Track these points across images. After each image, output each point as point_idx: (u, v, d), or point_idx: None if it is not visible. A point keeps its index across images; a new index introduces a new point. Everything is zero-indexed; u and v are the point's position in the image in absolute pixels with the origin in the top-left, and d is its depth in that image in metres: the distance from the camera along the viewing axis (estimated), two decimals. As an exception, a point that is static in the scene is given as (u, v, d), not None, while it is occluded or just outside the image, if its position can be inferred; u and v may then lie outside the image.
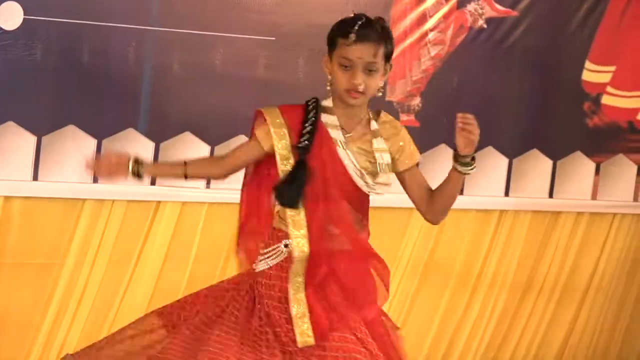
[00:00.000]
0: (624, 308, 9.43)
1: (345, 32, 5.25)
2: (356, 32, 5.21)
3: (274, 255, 5.33)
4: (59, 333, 7.69)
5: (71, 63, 7.42)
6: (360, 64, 5.24)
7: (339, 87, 5.31)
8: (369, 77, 5.27)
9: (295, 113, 5.39)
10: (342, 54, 5.26)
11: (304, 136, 5.28)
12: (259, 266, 5.39)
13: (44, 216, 7.55)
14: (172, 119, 7.77)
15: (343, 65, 5.26)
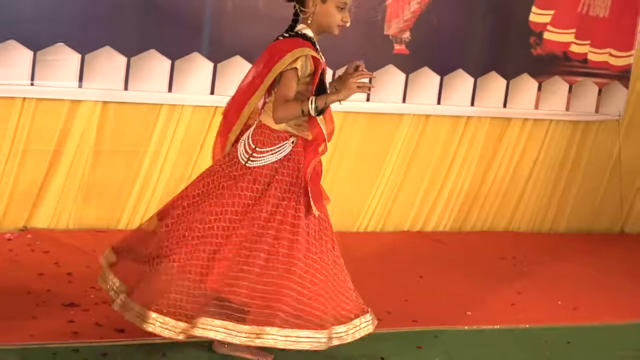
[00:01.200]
0: (556, 190, 9.45)
1: None
2: None
3: (280, 151, 5.25)
4: (142, 203, 7.76)
5: (151, 3, 7.40)
6: (349, 5, 5.26)
7: (333, 22, 5.25)
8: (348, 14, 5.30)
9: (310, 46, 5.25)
10: None
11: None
12: (261, 162, 5.26)
13: (131, 116, 7.55)
14: (226, 46, 7.72)
15: (339, 7, 5.21)
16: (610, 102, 9.41)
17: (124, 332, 5.67)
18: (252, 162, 5.26)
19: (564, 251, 8.86)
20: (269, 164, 5.24)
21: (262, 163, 5.25)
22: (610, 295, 7.70)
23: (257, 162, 5.25)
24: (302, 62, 5.19)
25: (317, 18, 5.30)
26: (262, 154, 5.26)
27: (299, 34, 5.33)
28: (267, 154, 5.25)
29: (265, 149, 5.25)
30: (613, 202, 9.76)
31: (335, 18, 5.25)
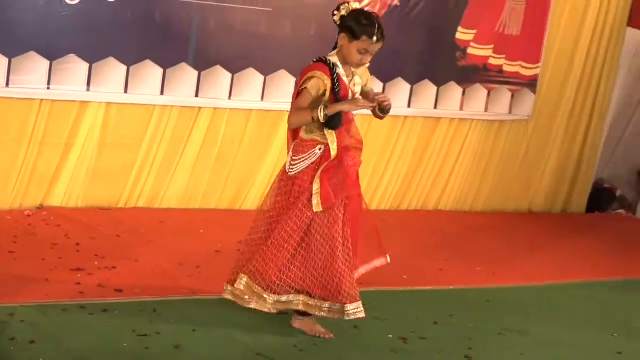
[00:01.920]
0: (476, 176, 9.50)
1: (370, 34, 5.10)
2: (377, 36, 5.12)
3: (310, 157, 5.22)
4: (138, 186, 7.71)
5: (148, 22, 7.35)
6: (372, 53, 5.18)
7: (352, 59, 5.17)
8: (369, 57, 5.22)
9: (327, 70, 5.18)
10: (363, 46, 5.12)
11: (335, 84, 5.16)
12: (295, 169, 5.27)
13: (130, 115, 7.53)
14: (208, 57, 7.68)
15: (361, 51, 5.14)
16: (520, 105, 9.43)
17: (122, 292, 5.71)
18: (291, 170, 5.27)
19: (482, 226, 8.91)
20: (303, 170, 5.22)
21: (298, 170, 5.24)
22: (520, 262, 7.77)
23: (294, 171, 5.26)
24: (313, 82, 5.15)
25: (343, 51, 5.23)
26: (296, 162, 5.26)
27: (322, 59, 5.27)
28: (299, 162, 5.24)
29: (298, 157, 5.24)
30: (522, 187, 9.78)
31: (355, 58, 5.19)
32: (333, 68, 5.20)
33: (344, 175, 5.25)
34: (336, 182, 5.21)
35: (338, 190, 5.22)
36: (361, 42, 5.14)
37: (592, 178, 10.33)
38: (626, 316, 6.67)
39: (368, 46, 5.14)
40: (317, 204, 5.17)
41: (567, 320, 6.40)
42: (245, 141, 8.05)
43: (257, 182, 8.21)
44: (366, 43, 5.14)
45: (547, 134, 9.76)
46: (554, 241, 8.66)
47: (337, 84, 5.17)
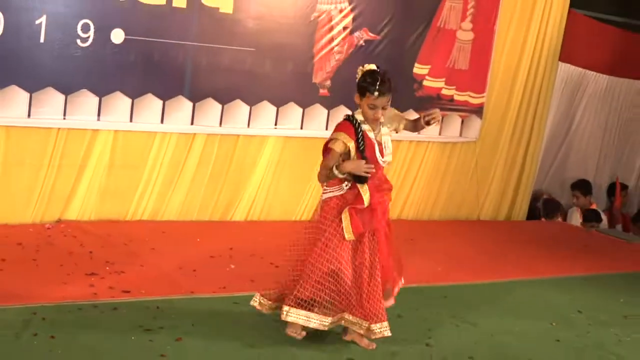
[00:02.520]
0: (432, 189, 9.51)
1: (372, 90, 4.98)
2: (378, 90, 4.99)
3: (339, 190, 5.08)
4: (143, 202, 7.70)
5: (149, 61, 7.35)
6: (380, 106, 5.03)
7: (367, 116, 5.05)
8: (384, 112, 5.08)
9: (351, 130, 5.04)
10: (369, 102, 5.01)
11: (360, 142, 5.03)
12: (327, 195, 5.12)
13: (134, 141, 7.51)
14: (202, 91, 7.68)
15: (370, 106, 5.03)
16: (469, 129, 9.45)
17: (129, 293, 5.66)
18: (324, 196, 5.15)
19: (439, 232, 8.90)
20: (329, 197, 5.11)
21: (329, 196, 5.12)
22: (471, 263, 7.74)
23: (325, 196, 5.14)
24: (338, 144, 5.02)
25: (361, 109, 5.12)
26: (327, 191, 5.13)
27: (349, 117, 5.12)
28: (329, 192, 5.12)
29: (329, 187, 5.12)
30: (472, 198, 9.79)
31: (368, 114, 5.06)
32: (358, 127, 5.05)
33: (370, 211, 5.11)
34: (363, 216, 5.09)
35: (366, 222, 5.10)
36: (367, 99, 5.03)
37: (531, 190, 10.33)
38: (562, 308, 6.65)
39: (374, 101, 5.01)
40: (349, 233, 5.05)
41: (512, 313, 6.38)
42: (234, 162, 8.04)
43: (245, 197, 8.18)
44: (371, 98, 5.01)
45: (492, 153, 9.77)
46: (500, 245, 8.66)
47: (361, 142, 5.02)
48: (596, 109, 10.91)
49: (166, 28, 7.41)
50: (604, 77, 10.82)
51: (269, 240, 7.54)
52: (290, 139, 8.26)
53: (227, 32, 7.70)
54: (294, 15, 8.00)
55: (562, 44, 9.97)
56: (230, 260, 6.75)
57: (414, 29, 8.78)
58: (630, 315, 6.67)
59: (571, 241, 9.21)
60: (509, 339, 5.77)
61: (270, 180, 8.26)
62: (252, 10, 7.80)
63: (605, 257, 8.67)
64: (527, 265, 7.92)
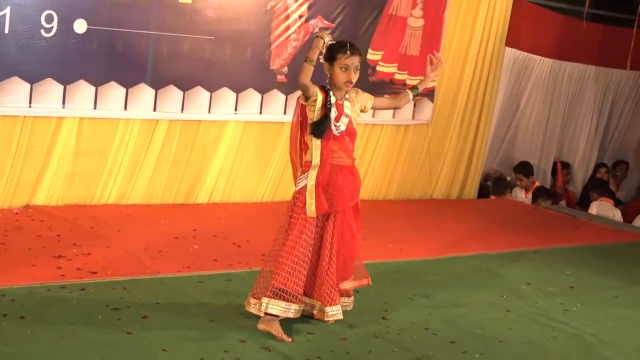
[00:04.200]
0: (387, 170, 9.54)
1: (344, 50, 4.89)
2: (350, 49, 4.89)
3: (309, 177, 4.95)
4: (108, 187, 7.64)
5: (112, 50, 7.31)
6: (352, 67, 4.93)
7: (339, 80, 4.92)
8: (355, 74, 4.96)
9: (322, 90, 4.92)
10: (342, 62, 4.88)
11: (328, 102, 4.90)
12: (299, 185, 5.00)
13: (99, 128, 7.45)
14: (163, 78, 7.64)
15: (342, 68, 4.91)
16: (422, 112, 9.50)
17: (96, 274, 5.65)
18: (296, 187, 5.05)
19: (394, 211, 8.94)
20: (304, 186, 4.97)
21: (300, 186, 5.00)
22: (424, 239, 7.80)
23: (298, 186, 5.02)
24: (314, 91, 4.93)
25: (332, 79, 4.99)
26: (300, 180, 5.03)
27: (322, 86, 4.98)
28: (302, 180, 5.01)
29: (302, 175, 5.02)
30: (425, 178, 9.83)
31: (340, 77, 4.93)
32: (328, 91, 4.96)
33: (336, 189, 5.01)
34: (329, 194, 4.99)
35: (330, 201, 5.00)
36: (339, 60, 4.90)
37: (481, 170, 10.41)
38: (512, 281, 6.72)
39: (346, 60, 4.90)
40: (311, 211, 4.94)
41: (463, 286, 6.43)
42: (196, 147, 8.01)
43: (207, 180, 8.16)
44: (343, 58, 4.90)
45: (444, 134, 9.82)
46: (452, 222, 8.71)
47: (328, 103, 4.91)
48: (541, 91, 11.01)
49: (128, 18, 7.36)
50: (549, 60, 10.91)
51: (231, 221, 7.57)
52: (249, 123, 8.24)
53: (187, 21, 7.66)
54: (251, 4, 7.97)
55: (508, 30, 10.03)
56: (194, 241, 6.74)
57: (366, 16, 8.77)
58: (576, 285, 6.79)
59: (520, 217, 9.30)
60: (462, 310, 5.83)
61: (231, 163, 8.24)
62: (211, 0, 7.76)
63: (553, 232, 8.77)
64: (478, 240, 7.99)
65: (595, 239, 8.69)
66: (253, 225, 7.46)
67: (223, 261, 6.29)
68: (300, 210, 4.99)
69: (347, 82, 4.97)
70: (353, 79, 4.98)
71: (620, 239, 8.84)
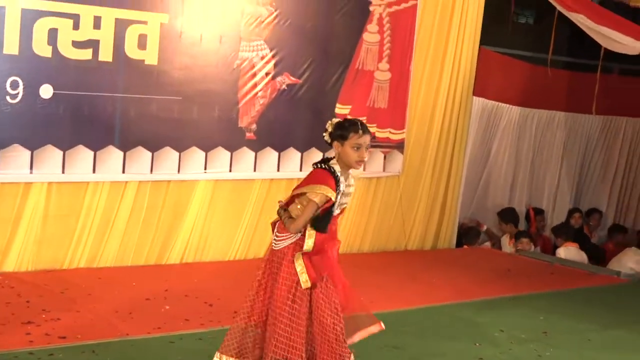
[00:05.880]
0: (362, 222, 9.55)
1: (356, 129, 4.78)
2: (362, 129, 4.79)
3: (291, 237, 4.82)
4: (78, 251, 7.62)
5: (78, 113, 7.34)
6: (364, 146, 4.83)
7: (350, 159, 4.79)
8: (367, 153, 4.90)
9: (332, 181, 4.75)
10: (354, 142, 4.76)
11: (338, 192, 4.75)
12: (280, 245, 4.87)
13: (67, 192, 7.47)
14: (131, 140, 7.67)
15: (355, 147, 4.79)
16: (392, 163, 9.54)
17: (65, 338, 5.62)
18: (276, 246, 4.92)
19: (368, 264, 8.92)
20: (287, 246, 4.88)
21: (282, 245, 4.89)
22: (397, 290, 7.81)
23: (279, 246, 4.90)
24: (321, 198, 4.77)
25: (341, 157, 4.83)
26: (280, 239, 4.90)
27: (330, 169, 4.82)
28: (283, 239, 4.89)
29: (282, 234, 4.89)
30: (399, 229, 9.85)
31: (352, 156, 4.80)
32: (338, 180, 4.80)
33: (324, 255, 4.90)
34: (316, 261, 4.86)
35: (319, 267, 4.87)
36: (351, 140, 4.77)
37: (455, 219, 10.44)
38: (485, 329, 6.73)
39: (358, 139, 4.78)
40: (305, 281, 4.82)
41: (436, 335, 6.44)
42: (166, 207, 8.02)
43: (179, 240, 8.16)
44: (355, 137, 4.77)
45: (415, 185, 9.87)
46: (426, 272, 8.72)
47: (338, 192, 4.79)
48: (511, 139, 11.11)
49: (94, 82, 7.40)
50: (516, 108, 11.04)
51: (203, 280, 7.56)
52: (219, 182, 8.27)
53: (154, 82, 7.72)
54: (217, 64, 8.04)
55: (475, 79, 10.15)
56: (165, 302, 6.71)
57: (333, 71, 8.86)
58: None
59: (494, 265, 9.32)
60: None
61: (202, 222, 8.24)
62: (177, 61, 7.83)
63: (528, 279, 8.79)
64: (452, 289, 7.99)
65: (569, 283, 8.72)
66: (225, 283, 7.45)
67: (194, 321, 6.26)
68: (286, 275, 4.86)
69: (359, 161, 4.87)
70: (365, 158, 4.91)
71: (594, 282, 8.87)
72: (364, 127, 4.87)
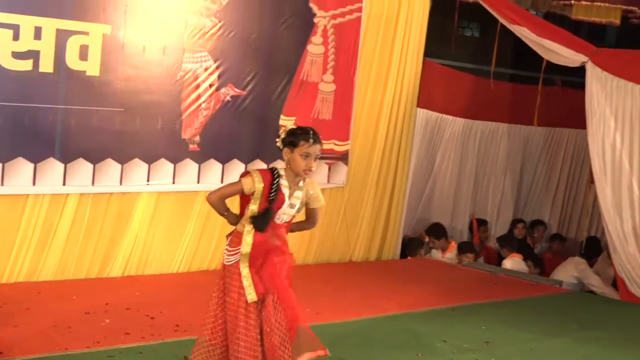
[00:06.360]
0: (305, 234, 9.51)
1: (306, 137, 4.89)
2: (312, 138, 4.90)
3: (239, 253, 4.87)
4: (17, 265, 7.51)
5: (18, 125, 7.24)
6: (313, 155, 4.91)
7: (299, 167, 4.87)
8: (315, 163, 4.93)
9: (268, 176, 4.89)
10: (304, 150, 4.86)
11: (272, 192, 4.85)
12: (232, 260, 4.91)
13: (7, 204, 7.36)
14: (72, 152, 7.58)
15: (303, 155, 4.88)
16: (336, 175, 9.55)
17: (1, 354, 5.52)
18: (228, 261, 4.92)
19: (313, 276, 8.90)
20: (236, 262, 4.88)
21: (233, 261, 4.89)
22: (342, 302, 7.81)
23: (231, 261, 4.90)
24: (247, 180, 4.86)
25: (290, 164, 4.93)
26: (231, 253, 4.91)
27: (272, 168, 4.97)
28: (233, 253, 4.90)
29: (232, 249, 4.91)
30: (344, 241, 9.85)
31: (300, 164, 4.88)
32: (276, 177, 4.90)
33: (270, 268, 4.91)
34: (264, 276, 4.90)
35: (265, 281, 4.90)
36: (301, 148, 4.87)
37: (400, 230, 10.46)
38: (428, 339, 6.75)
39: (308, 148, 4.87)
40: (251, 295, 4.85)
41: (379, 347, 6.44)
42: (108, 219, 7.93)
43: (121, 253, 8.07)
44: (305, 146, 4.87)
45: (360, 197, 9.88)
46: (370, 283, 8.73)
47: (273, 193, 4.86)
48: (455, 150, 11.19)
49: (34, 93, 7.31)
50: (460, 120, 11.12)
51: (145, 293, 7.49)
52: (163, 194, 8.20)
53: (95, 94, 7.64)
54: (160, 75, 7.99)
55: (419, 91, 10.20)
56: (106, 315, 6.64)
57: (277, 83, 8.85)
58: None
59: (438, 276, 9.36)
60: (376, 371, 5.82)
61: (145, 235, 8.17)
62: (120, 72, 7.76)
63: (471, 289, 8.84)
64: (396, 300, 8.00)
65: (512, 293, 8.78)
66: (168, 296, 7.39)
67: (135, 334, 6.19)
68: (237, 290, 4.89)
69: (307, 169, 4.92)
70: (313, 167, 4.94)
71: (536, 292, 8.95)
72: (315, 137, 4.93)
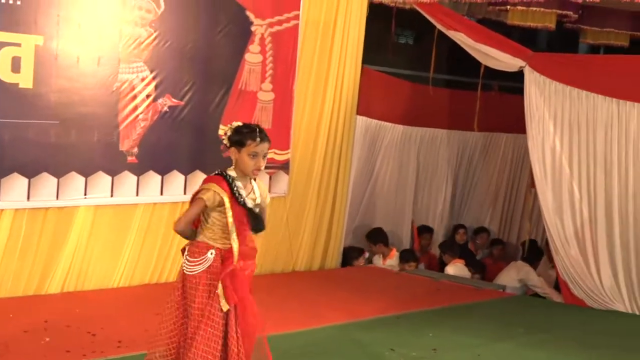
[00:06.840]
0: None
1: (253, 136, 4.78)
2: (259, 135, 4.79)
3: (204, 262, 4.77)
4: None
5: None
6: (261, 154, 4.83)
7: (247, 167, 4.79)
8: (264, 162, 4.86)
9: (224, 184, 4.77)
10: (251, 149, 4.76)
11: (238, 197, 4.77)
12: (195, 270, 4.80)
13: None
14: (6, 166, 7.37)
15: (251, 155, 4.79)
16: (278, 184, 9.48)
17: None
18: (190, 271, 4.80)
19: (255, 286, 8.60)
20: (199, 274, 4.77)
21: (196, 272, 4.77)
22: (284, 312, 7.70)
23: (193, 272, 4.78)
24: (210, 195, 4.75)
25: (238, 164, 4.83)
26: (192, 264, 4.79)
27: (222, 172, 4.85)
28: (195, 264, 4.78)
29: (193, 259, 4.79)
30: (286, 251, 9.78)
31: (249, 164, 4.79)
32: (231, 182, 4.80)
33: (237, 277, 4.83)
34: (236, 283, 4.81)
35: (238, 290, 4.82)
36: (248, 147, 4.78)
37: (342, 238, 10.43)
38: (375, 348, 6.71)
39: (255, 148, 4.78)
40: (224, 303, 4.75)
41: (325, 357, 6.40)
42: (44, 235, 7.74)
43: (59, 269, 7.87)
44: (253, 145, 4.77)
45: (302, 206, 9.83)
46: (314, 293, 8.68)
47: (238, 196, 4.78)
48: (394, 158, 11.19)
49: (-35, 106, 7.14)
50: (399, 127, 11.12)
51: (85, 310, 7.33)
52: (101, 207, 8.05)
53: (29, 106, 7.46)
54: (95, 86, 7.84)
55: (359, 99, 10.19)
56: (45, 333, 6.47)
57: (215, 92, 8.76)
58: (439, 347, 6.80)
59: (381, 284, 9.33)
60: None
61: (83, 250, 8.00)
62: (53, 84, 7.59)
63: (415, 296, 8.83)
64: (340, 309, 7.96)
65: (456, 299, 8.79)
66: (109, 312, 7.25)
67: (76, 352, 6.05)
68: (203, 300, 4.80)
69: (256, 169, 4.86)
70: (262, 167, 4.87)
71: (480, 297, 8.97)
72: (262, 135, 4.85)
